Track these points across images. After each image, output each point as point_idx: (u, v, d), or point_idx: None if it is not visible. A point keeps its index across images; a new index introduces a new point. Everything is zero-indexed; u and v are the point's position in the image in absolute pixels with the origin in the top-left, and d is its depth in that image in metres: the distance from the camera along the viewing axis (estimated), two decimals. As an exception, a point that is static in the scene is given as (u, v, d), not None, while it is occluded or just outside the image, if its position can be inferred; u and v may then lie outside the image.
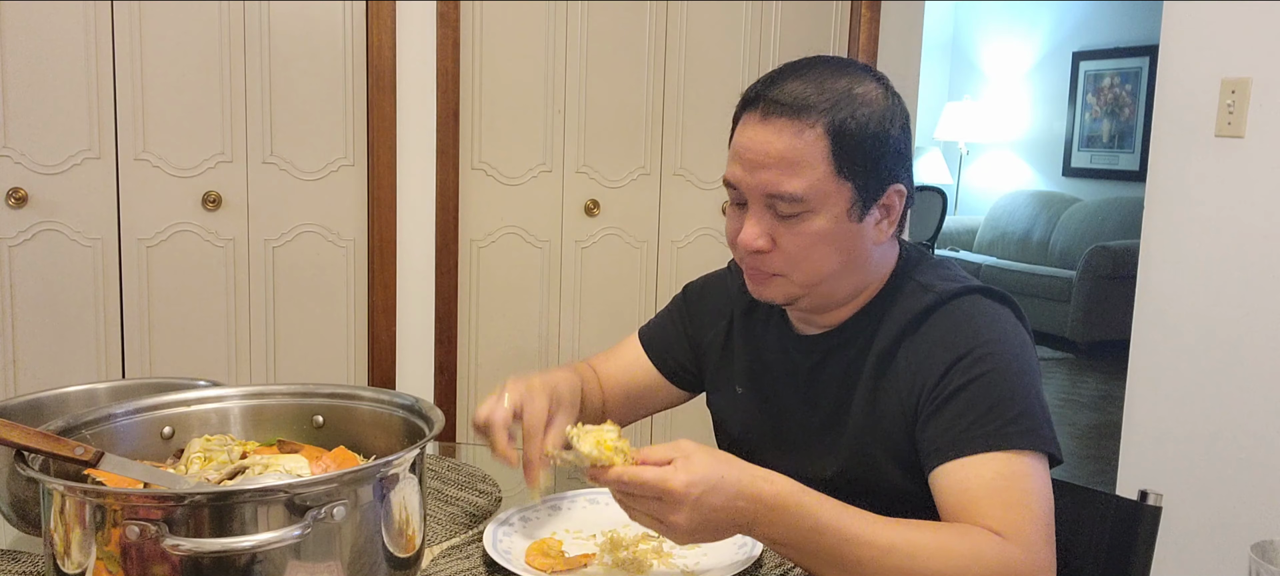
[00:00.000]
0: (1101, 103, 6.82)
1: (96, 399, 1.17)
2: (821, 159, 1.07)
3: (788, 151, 1.07)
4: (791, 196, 1.08)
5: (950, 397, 1.06)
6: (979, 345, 1.07)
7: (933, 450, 1.06)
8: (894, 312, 1.15)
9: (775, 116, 1.08)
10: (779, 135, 1.07)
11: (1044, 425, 1.05)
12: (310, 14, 2.67)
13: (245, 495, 0.80)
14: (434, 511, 1.22)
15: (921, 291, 1.15)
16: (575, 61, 2.94)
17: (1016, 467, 1.02)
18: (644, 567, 1.05)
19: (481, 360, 3.00)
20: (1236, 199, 2.16)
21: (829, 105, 1.08)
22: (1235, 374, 2.16)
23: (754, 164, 1.09)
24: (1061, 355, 6.12)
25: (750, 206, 1.11)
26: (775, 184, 1.08)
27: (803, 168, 1.07)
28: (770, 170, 1.08)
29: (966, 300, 1.13)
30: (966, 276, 1.18)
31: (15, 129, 2.46)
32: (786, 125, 1.07)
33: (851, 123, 1.08)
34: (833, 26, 3.21)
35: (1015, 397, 1.05)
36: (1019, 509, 0.99)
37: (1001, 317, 1.12)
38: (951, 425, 1.05)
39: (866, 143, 1.09)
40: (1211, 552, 2.19)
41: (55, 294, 2.55)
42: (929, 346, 1.11)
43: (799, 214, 1.09)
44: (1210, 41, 2.20)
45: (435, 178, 2.83)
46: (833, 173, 1.08)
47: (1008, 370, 1.06)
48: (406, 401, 1.05)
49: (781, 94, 1.09)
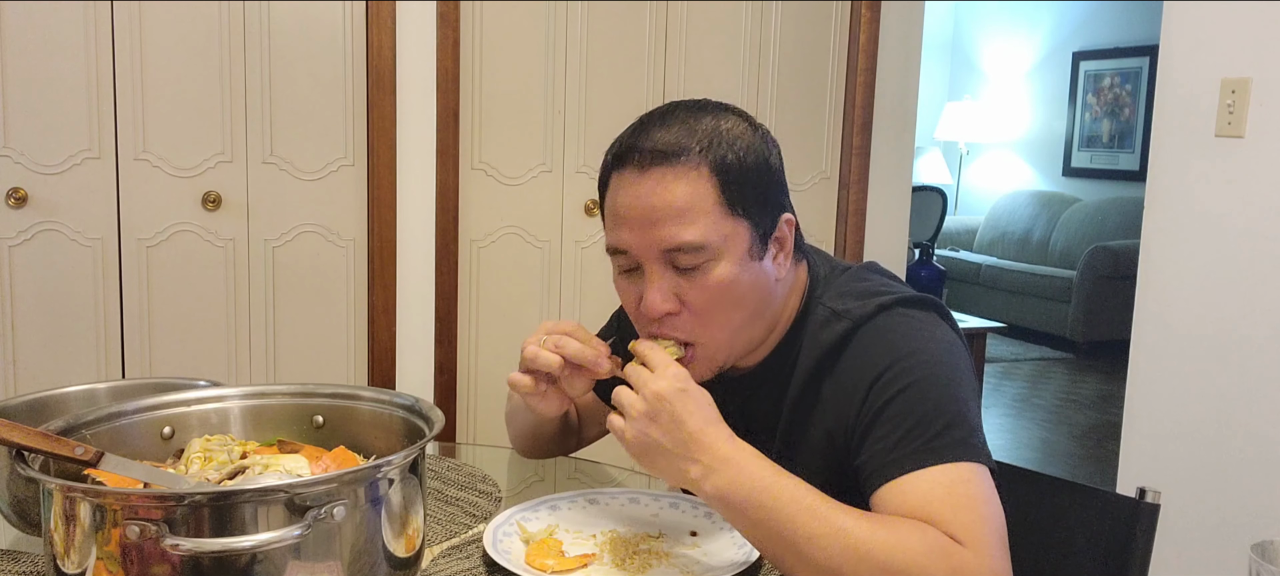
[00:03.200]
0: (1102, 103, 6.82)
1: (96, 399, 1.17)
2: (712, 201, 1.02)
3: (677, 199, 1.01)
4: (692, 246, 1.01)
5: (875, 419, 1.02)
6: (896, 361, 1.03)
7: (868, 475, 1.01)
8: (809, 345, 1.10)
9: (655, 166, 1.02)
10: (664, 185, 1.01)
11: (973, 434, 1.00)
12: (310, 14, 2.67)
13: (245, 495, 0.81)
14: (434, 511, 1.22)
15: (835, 319, 1.09)
16: (575, 61, 2.94)
17: (954, 476, 0.97)
18: (644, 567, 1.05)
19: (481, 360, 3.00)
20: (1236, 199, 2.16)
21: (705, 144, 1.03)
22: (1235, 373, 2.16)
23: (644, 221, 1.02)
24: (1061, 355, 6.12)
25: (647, 270, 1.04)
26: (673, 236, 1.01)
27: (696, 213, 1.01)
28: (664, 224, 1.01)
29: (881, 318, 1.08)
30: (884, 286, 1.12)
31: (15, 129, 2.46)
32: (668, 173, 1.01)
33: (731, 157, 1.03)
34: (833, 26, 3.21)
35: (940, 410, 1.00)
36: (967, 512, 0.95)
37: (920, 326, 1.07)
38: (880, 447, 1.00)
39: (750, 175, 1.04)
40: (1211, 552, 2.19)
41: (55, 294, 2.55)
42: (849, 375, 1.06)
43: (702, 264, 1.03)
44: (1210, 41, 2.20)
45: (435, 178, 2.83)
46: (727, 213, 1.03)
47: (930, 381, 1.01)
48: (406, 401, 1.05)
49: (653, 143, 1.02)
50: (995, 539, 0.95)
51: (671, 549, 1.09)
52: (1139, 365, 2.37)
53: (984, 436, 1.02)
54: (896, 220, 3.40)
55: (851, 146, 3.25)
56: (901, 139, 3.35)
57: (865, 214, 3.32)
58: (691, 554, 1.09)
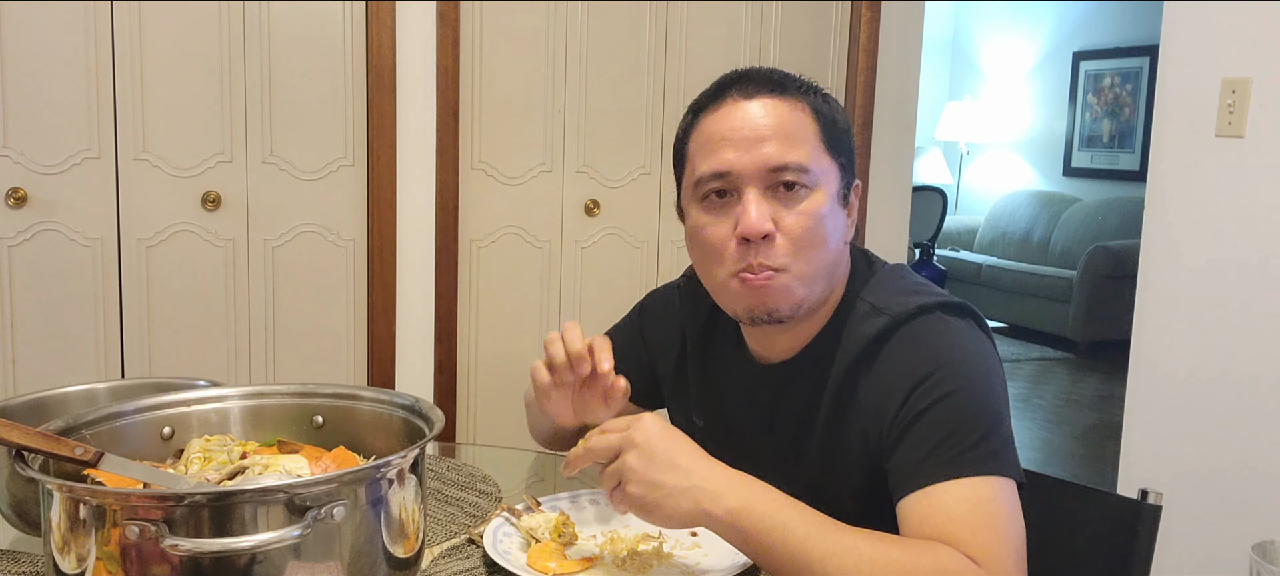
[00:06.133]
0: (1102, 102, 6.82)
1: (96, 399, 1.17)
2: (813, 133, 1.07)
3: (785, 122, 1.05)
4: (799, 166, 1.04)
5: (910, 425, 1.02)
6: (938, 368, 1.02)
7: (897, 481, 1.01)
8: (848, 339, 1.10)
9: (762, 94, 1.06)
10: (772, 109, 1.06)
11: (1006, 448, 1.01)
12: (310, 14, 2.67)
13: (245, 495, 0.80)
14: (434, 511, 1.22)
15: (874, 314, 1.09)
16: (575, 61, 2.94)
17: (981, 492, 0.96)
18: (644, 568, 1.05)
19: (481, 360, 3.00)
20: (1237, 199, 2.16)
21: (805, 88, 1.09)
22: (1235, 374, 2.16)
23: (751, 140, 1.04)
24: (1061, 355, 6.12)
25: (747, 193, 1.05)
26: (780, 155, 1.04)
27: (801, 140, 1.05)
28: (771, 142, 1.04)
29: (922, 320, 1.07)
30: (921, 286, 1.12)
31: (15, 129, 2.46)
32: (775, 100, 1.06)
33: (826, 107, 1.09)
34: (833, 26, 3.21)
35: (977, 421, 1.00)
36: (987, 532, 0.95)
37: (961, 334, 1.07)
38: (912, 454, 1.00)
39: (842, 127, 1.10)
40: (1211, 552, 2.19)
41: (55, 294, 2.55)
42: (887, 375, 1.06)
43: (803, 188, 1.05)
44: (1211, 41, 2.20)
45: (435, 177, 2.83)
46: (824, 149, 1.07)
47: (968, 392, 1.01)
48: (406, 401, 1.05)
49: (759, 76, 1.08)
50: (1013, 561, 0.95)
51: (672, 549, 1.09)
52: (1139, 365, 2.37)
53: (1015, 449, 1.02)
54: (897, 220, 3.40)
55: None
56: (902, 139, 3.35)
57: (865, 214, 3.32)
58: (692, 554, 1.09)
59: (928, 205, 6.31)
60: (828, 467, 1.02)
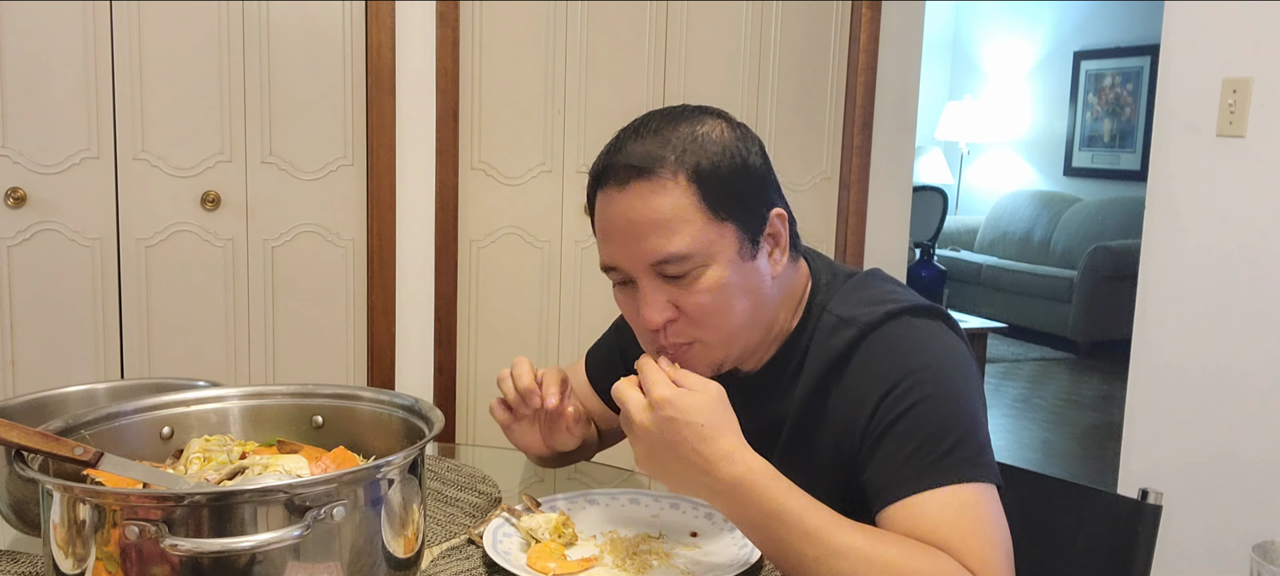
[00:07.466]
0: (1102, 102, 6.82)
1: (96, 399, 1.17)
2: (694, 208, 1.01)
3: (658, 212, 1.01)
4: (678, 256, 1.01)
5: (883, 434, 1.01)
6: (907, 375, 1.01)
7: (874, 492, 1.00)
8: (816, 352, 1.09)
9: (633, 181, 1.02)
10: (644, 199, 1.01)
11: (983, 452, 1.00)
12: (310, 14, 2.66)
13: (245, 495, 0.80)
14: (434, 511, 1.22)
15: (842, 326, 1.07)
16: (575, 61, 2.94)
17: (964, 498, 0.96)
18: (645, 567, 1.04)
19: (481, 360, 3.00)
20: (1237, 199, 2.16)
21: (680, 153, 1.02)
22: (1235, 374, 2.16)
23: (629, 237, 1.03)
24: (1061, 355, 6.12)
25: (640, 283, 1.04)
26: (658, 249, 1.01)
27: (678, 223, 1.01)
28: (648, 237, 1.02)
29: (890, 326, 1.06)
30: (889, 293, 1.11)
31: (14, 129, 2.46)
32: (646, 186, 1.01)
33: (707, 163, 1.02)
34: (833, 26, 3.21)
35: (951, 426, 0.99)
36: (977, 538, 0.94)
37: (930, 337, 1.06)
38: (888, 463, 1.00)
39: (730, 177, 1.03)
40: (1211, 552, 2.19)
41: (54, 294, 2.55)
42: (857, 385, 1.05)
43: (691, 272, 1.02)
44: (1211, 41, 2.20)
45: (435, 177, 2.83)
46: (710, 218, 1.02)
47: (940, 397, 1.00)
48: (406, 401, 1.05)
49: (628, 158, 1.03)
50: (1004, 564, 0.95)
51: (672, 549, 1.09)
52: (1139, 365, 2.37)
53: (991, 452, 1.02)
54: (897, 220, 3.40)
55: (852, 146, 3.25)
56: (902, 139, 3.35)
57: (866, 214, 3.32)
58: (692, 554, 1.09)
59: (928, 205, 6.30)
60: (800, 479, 1.00)
